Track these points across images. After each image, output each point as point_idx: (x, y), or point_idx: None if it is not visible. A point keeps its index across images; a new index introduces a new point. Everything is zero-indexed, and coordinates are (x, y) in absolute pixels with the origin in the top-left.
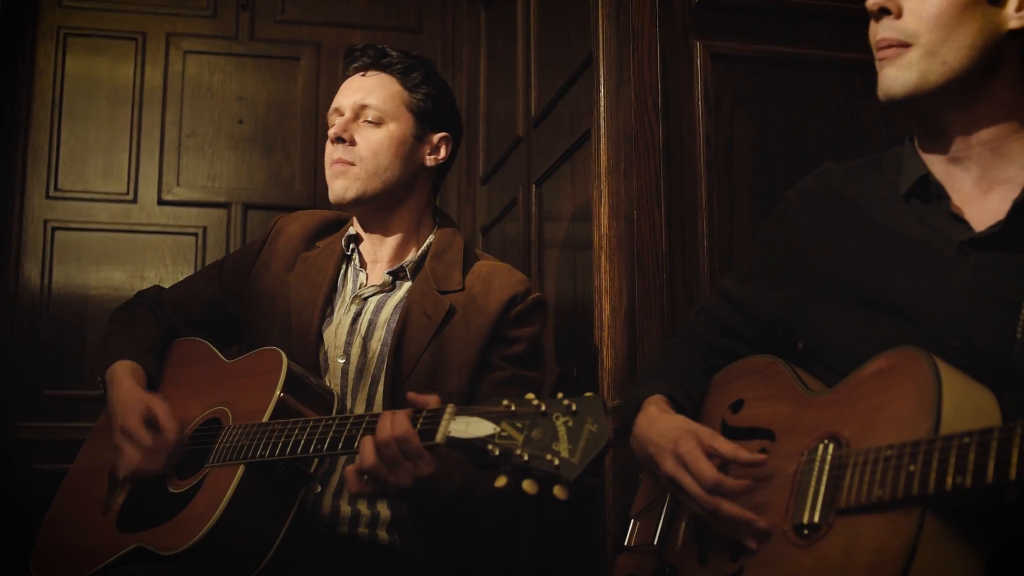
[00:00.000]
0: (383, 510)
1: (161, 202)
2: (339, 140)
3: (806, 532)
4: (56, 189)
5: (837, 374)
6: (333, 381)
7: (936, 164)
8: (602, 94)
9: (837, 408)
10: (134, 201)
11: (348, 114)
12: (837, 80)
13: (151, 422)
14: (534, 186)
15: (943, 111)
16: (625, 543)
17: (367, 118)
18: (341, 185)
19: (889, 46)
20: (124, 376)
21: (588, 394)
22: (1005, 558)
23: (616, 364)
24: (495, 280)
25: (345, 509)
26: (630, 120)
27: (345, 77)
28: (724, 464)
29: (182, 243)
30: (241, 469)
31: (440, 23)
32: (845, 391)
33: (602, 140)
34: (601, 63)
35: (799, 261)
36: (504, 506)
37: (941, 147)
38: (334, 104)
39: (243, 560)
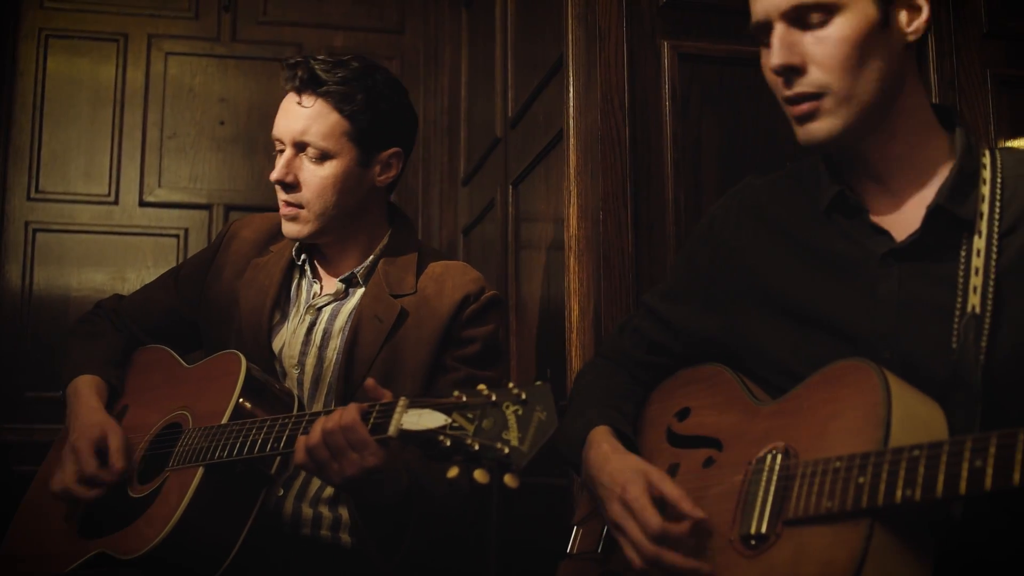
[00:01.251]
0: (344, 513)
1: (143, 203)
2: (281, 183)
3: (753, 542)
4: (37, 191)
5: (774, 389)
6: None
7: (854, 177)
8: (571, 95)
9: (785, 418)
10: (115, 203)
11: (288, 151)
12: None
13: (102, 451)
14: (511, 187)
15: (863, 140)
16: (568, 550)
17: (309, 155)
18: (294, 228)
19: (803, 100)
20: (87, 392)
21: (538, 383)
22: (950, 572)
23: None
24: (448, 280)
25: (307, 512)
26: (597, 120)
27: (284, 91)
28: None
29: (164, 245)
30: (200, 471)
31: (422, 24)
32: (794, 402)
33: (571, 141)
34: (570, 63)
35: (727, 278)
36: (457, 505)
37: (858, 164)
38: (274, 129)
39: (204, 563)
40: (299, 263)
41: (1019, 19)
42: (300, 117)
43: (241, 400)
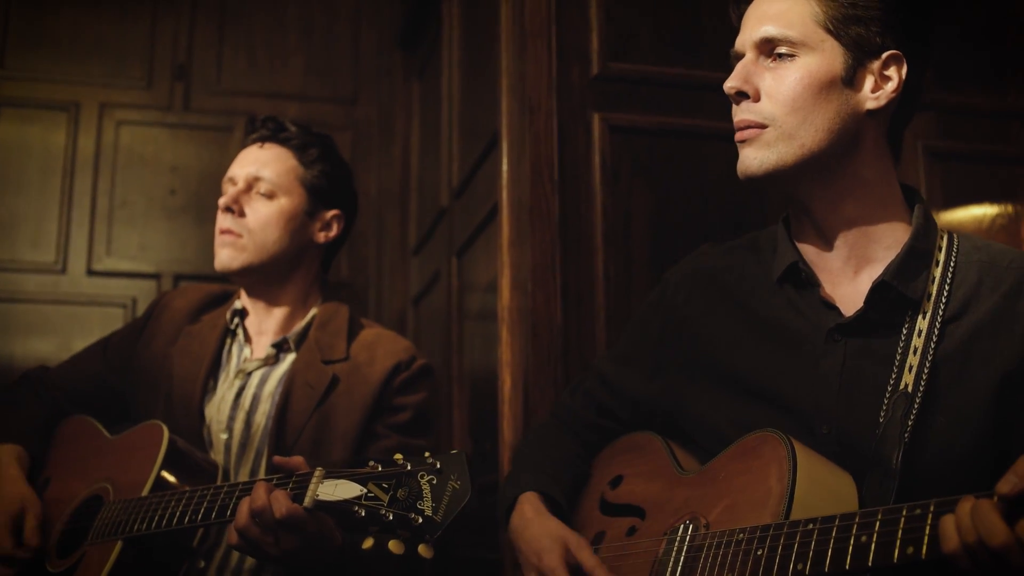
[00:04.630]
0: None
1: (90, 272)
2: (228, 210)
3: None
4: None
5: (710, 457)
6: (217, 456)
7: (807, 245)
8: (504, 167)
9: (702, 489)
10: (63, 271)
11: (241, 184)
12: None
13: (18, 528)
14: (455, 257)
15: (803, 188)
16: None
17: (259, 190)
18: (227, 255)
19: (748, 127)
20: (7, 462)
21: (453, 451)
22: None
23: (516, 438)
24: (379, 348)
25: None
26: (528, 192)
27: (244, 147)
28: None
29: (111, 315)
30: (118, 545)
31: (376, 95)
32: (711, 472)
33: (505, 212)
34: (504, 136)
35: (676, 345)
36: (391, 567)
37: (809, 226)
38: (228, 173)
39: None
40: (232, 328)
41: (950, 92)
42: (259, 159)
43: (162, 472)
